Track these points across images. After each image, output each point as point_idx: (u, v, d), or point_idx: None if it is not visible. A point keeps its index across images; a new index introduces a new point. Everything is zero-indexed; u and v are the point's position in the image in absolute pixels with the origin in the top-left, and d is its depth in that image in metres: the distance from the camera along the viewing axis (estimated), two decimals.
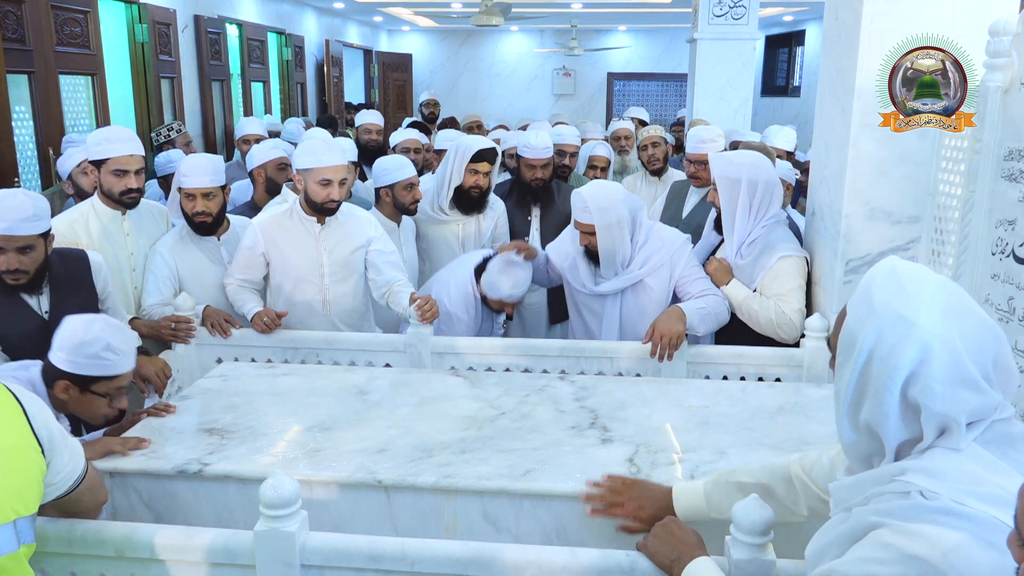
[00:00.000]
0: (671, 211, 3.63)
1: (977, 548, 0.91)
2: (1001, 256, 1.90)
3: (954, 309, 1.03)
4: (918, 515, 0.96)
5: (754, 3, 6.71)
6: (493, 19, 8.23)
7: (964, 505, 0.95)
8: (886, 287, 1.06)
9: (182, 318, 2.73)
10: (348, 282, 2.93)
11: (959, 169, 2.13)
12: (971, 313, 1.04)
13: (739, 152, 2.94)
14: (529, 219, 3.67)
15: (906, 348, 1.01)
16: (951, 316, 1.02)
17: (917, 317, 1.01)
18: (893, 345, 1.02)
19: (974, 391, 1.00)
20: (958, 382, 1.00)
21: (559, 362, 2.58)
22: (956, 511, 0.94)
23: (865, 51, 2.31)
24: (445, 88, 14.44)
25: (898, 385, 1.02)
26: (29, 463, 1.35)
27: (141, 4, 5.97)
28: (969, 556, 0.91)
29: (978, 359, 1.01)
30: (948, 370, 1.00)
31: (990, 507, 0.94)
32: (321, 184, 2.77)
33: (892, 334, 1.02)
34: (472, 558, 1.44)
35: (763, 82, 13.21)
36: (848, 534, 1.04)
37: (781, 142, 4.63)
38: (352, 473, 1.81)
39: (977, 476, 0.97)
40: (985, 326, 1.03)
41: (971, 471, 0.98)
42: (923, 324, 1.01)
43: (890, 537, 0.97)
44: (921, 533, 0.94)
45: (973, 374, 1.00)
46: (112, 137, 2.84)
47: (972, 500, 0.95)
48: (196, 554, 1.49)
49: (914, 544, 0.94)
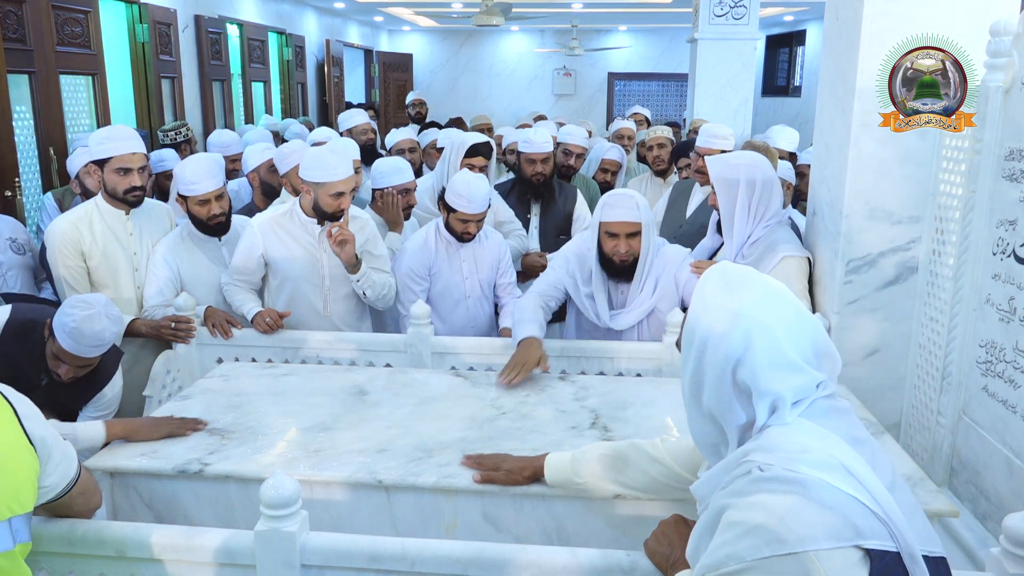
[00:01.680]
0: (674, 211, 3.62)
1: (809, 508, 0.99)
2: (1002, 256, 1.90)
3: (773, 300, 1.14)
4: (754, 487, 1.04)
5: (754, 3, 6.71)
6: (493, 19, 8.23)
7: (794, 472, 1.03)
8: (716, 284, 1.18)
9: (182, 318, 2.73)
10: (348, 283, 2.93)
11: (960, 169, 2.13)
12: (789, 304, 1.15)
13: (736, 153, 2.93)
14: (529, 216, 3.68)
15: (732, 335, 1.11)
16: (770, 306, 1.12)
17: (740, 307, 1.12)
18: (721, 334, 1.12)
19: (795, 372, 1.10)
20: (780, 364, 1.10)
21: (559, 362, 2.58)
22: (787, 478, 1.02)
23: (865, 51, 2.30)
24: (445, 88, 14.45)
25: (729, 370, 1.12)
26: (23, 462, 1.34)
27: (142, 4, 5.97)
28: (802, 516, 0.99)
29: (796, 343, 1.11)
30: (769, 353, 1.10)
31: (818, 471, 1.02)
32: (333, 197, 2.76)
33: (720, 324, 1.13)
34: (472, 558, 1.44)
35: (763, 82, 13.20)
36: (709, 524, 1.10)
37: (784, 143, 4.62)
38: (352, 473, 1.81)
39: (805, 444, 1.06)
40: (801, 315, 1.15)
41: (800, 441, 1.07)
42: (745, 313, 1.11)
43: (735, 515, 1.04)
44: (758, 503, 1.02)
45: (792, 357, 1.10)
46: (114, 136, 2.84)
47: (802, 466, 1.03)
48: (196, 554, 1.49)
49: (754, 515, 1.02)
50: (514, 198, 3.69)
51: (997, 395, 1.91)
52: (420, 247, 3.01)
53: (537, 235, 3.67)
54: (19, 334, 2.23)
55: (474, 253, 3.06)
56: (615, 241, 2.53)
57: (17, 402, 1.39)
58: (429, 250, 3.00)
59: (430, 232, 3.05)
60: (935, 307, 2.23)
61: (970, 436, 2.03)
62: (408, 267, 2.99)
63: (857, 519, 1.00)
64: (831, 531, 0.98)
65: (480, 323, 3.12)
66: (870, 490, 1.02)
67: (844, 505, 1.00)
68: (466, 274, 3.04)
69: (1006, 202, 1.89)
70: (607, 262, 2.58)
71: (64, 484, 1.46)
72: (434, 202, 3.47)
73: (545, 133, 3.68)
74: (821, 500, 1.00)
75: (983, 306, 1.98)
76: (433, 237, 3.03)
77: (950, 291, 2.12)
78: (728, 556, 1.02)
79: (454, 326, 3.04)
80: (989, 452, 1.94)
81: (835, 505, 1.00)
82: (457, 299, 3.04)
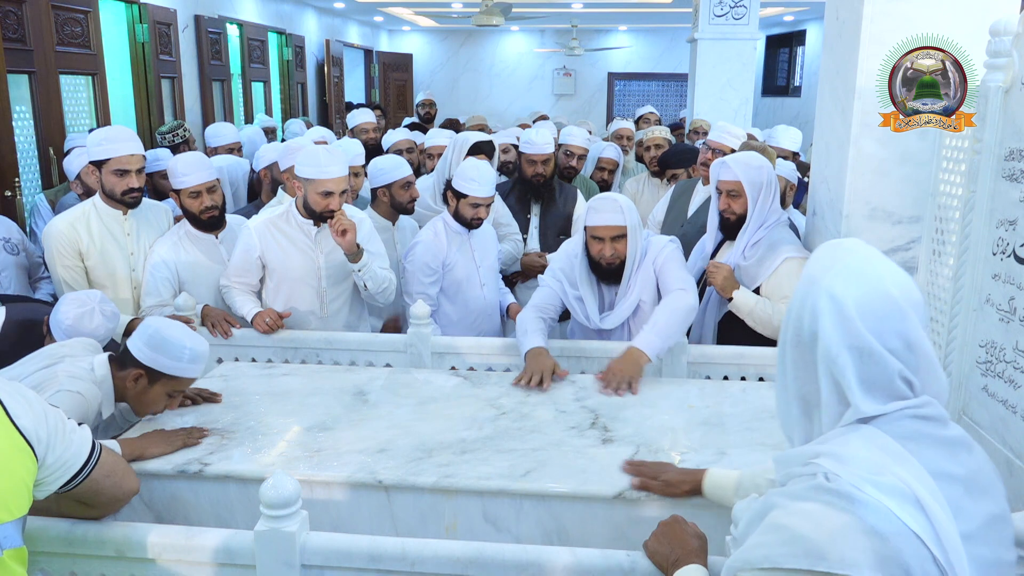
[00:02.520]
0: (676, 210, 3.62)
1: (862, 533, 0.92)
2: (1002, 256, 1.90)
3: (861, 280, 1.04)
4: (812, 495, 0.97)
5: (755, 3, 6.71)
6: (493, 19, 8.23)
7: (859, 490, 0.95)
8: (820, 256, 1.11)
9: (182, 317, 2.72)
10: (345, 283, 2.94)
11: (960, 169, 2.13)
12: (880, 287, 1.04)
13: (749, 154, 2.93)
14: (529, 217, 3.68)
15: (806, 304, 1.06)
16: (852, 284, 1.04)
17: (821, 277, 1.06)
18: (799, 304, 1.08)
19: (863, 355, 1.02)
20: (844, 344, 1.02)
21: (559, 362, 2.58)
22: (850, 495, 0.95)
23: (865, 51, 2.31)
24: (445, 88, 14.44)
25: (804, 341, 1.06)
26: (14, 465, 1.30)
27: (141, 4, 5.97)
28: (852, 538, 0.91)
29: (873, 328, 1.01)
30: (833, 329, 1.02)
31: (885, 496, 0.94)
32: (322, 195, 2.75)
33: (803, 293, 1.08)
34: (472, 558, 1.44)
35: (764, 82, 13.21)
36: (758, 514, 1.04)
37: (788, 143, 4.60)
38: (352, 473, 1.81)
39: (879, 465, 0.97)
40: (891, 302, 1.03)
41: (875, 459, 0.98)
42: (822, 283, 1.05)
43: (783, 518, 0.98)
44: (808, 512, 0.96)
45: (864, 340, 1.01)
46: (113, 137, 2.84)
47: (868, 486, 0.95)
48: (196, 554, 1.49)
49: (802, 523, 0.95)
50: (514, 198, 3.70)
51: (997, 395, 1.91)
52: (432, 240, 3.04)
53: (537, 235, 3.68)
54: (18, 334, 2.23)
55: (481, 242, 3.13)
56: (600, 245, 2.53)
57: (7, 398, 1.33)
58: (441, 242, 3.03)
59: (438, 226, 3.08)
60: (935, 307, 2.23)
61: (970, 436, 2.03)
62: (422, 260, 3.00)
63: (910, 557, 0.91)
64: (878, 562, 0.90)
65: (495, 309, 3.21)
66: (938, 531, 0.93)
67: (901, 539, 0.92)
68: (479, 262, 3.11)
69: (1006, 202, 1.89)
70: (595, 265, 2.59)
71: (74, 470, 1.42)
72: (436, 200, 3.47)
73: (546, 134, 3.68)
74: (877, 528, 0.92)
75: (983, 306, 1.98)
76: (443, 230, 3.06)
77: (950, 291, 2.12)
78: (764, 557, 0.96)
79: (473, 313, 3.10)
80: (989, 452, 1.93)
81: (891, 536, 0.92)
82: (474, 287, 3.10)
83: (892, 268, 1.08)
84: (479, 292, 3.12)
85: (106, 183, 2.82)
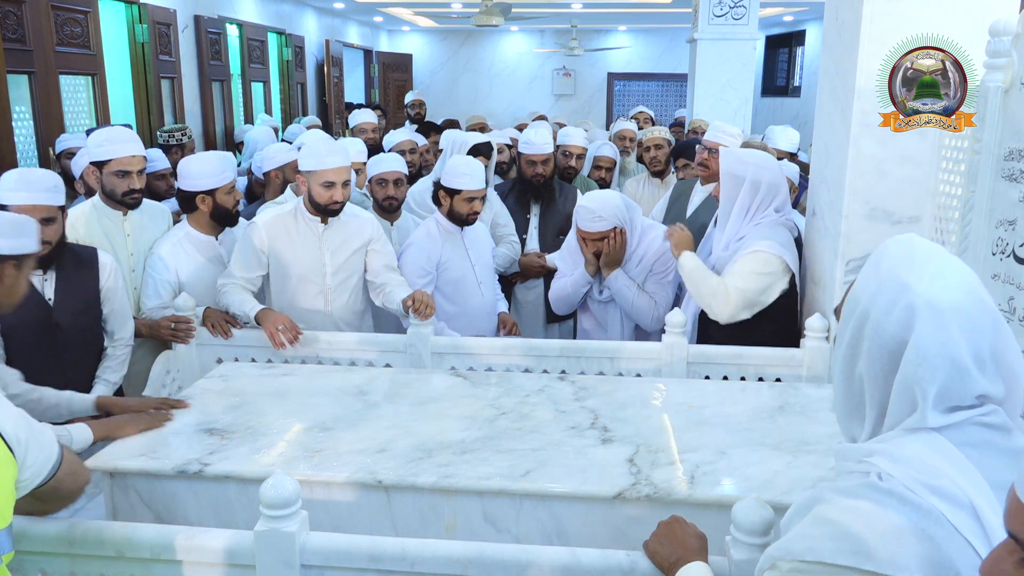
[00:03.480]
0: (675, 211, 3.62)
1: (913, 536, 0.90)
2: (1001, 256, 1.90)
3: (956, 285, 1.01)
4: (864, 492, 0.95)
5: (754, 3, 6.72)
6: (493, 19, 8.23)
7: (914, 492, 0.93)
8: (896, 254, 1.07)
9: (182, 318, 2.73)
10: (350, 282, 2.94)
11: (959, 169, 2.13)
12: (974, 293, 1.01)
13: (749, 151, 2.93)
14: (528, 217, 3.68)
15: (895, 309, 1.01)
16: (950, 290, 1.00)
17: (915, 282, 1.01)
18: (886, 306, 1.02)
19: (954, 368, 0.98)
20: (938, 353, 0.98)
21: (559, 362, 2.58)
22: (905, 497, 0.93)
23: (865, 51, 2.31)
24: (445, 88, 14.45)
25: (887, 348, 1.02)
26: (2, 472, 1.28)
27: (141, 4, 5.97)
28: (904, 542, 0.90)
29: (969, 339, 0.98)
30: (930, 338, 0.98)
31: (938, 500, 0.92)
32: (324, 186, 2.76)
33: (888, 295, 1.03)
34: (472, 558, 1.44)
35: (763, 82, 13.20)
36: (804, 505, 1.03)
37: (784, 143, 4.61)
38: (352, 473, 1.81)
39: (936, 469, 0.95)
40: (986, 311, 1.00)
41: (933, 463, 0.95)
42: (917, 289, 1.00)
43: (832, 513, 0.96)
44: (859, 510, 0.94)
45: (958, 351, 0.98)
46: (114, 138, 2.84)
47: (923, 489, 0.93)
48: (196, 554, 1.49)
49: (852, 520, 0.93)
50: (513, 198, 3.70)
51: None
52: (425, 240, 3.06)
53: (536, 235, 3.67)
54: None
55: (474, 240, 3.16)
56: (588, 244, 2.84)
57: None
58: (436, 243, 3.05)
59: (431, 226, 3.10)
60: None
61: None
62: (415, 260, 3.02)
63: (961, 565, 0.88)
64: (929, 567, 0.88)
65: (493, 308, 3.24)
66: (992, 542, 0.89)
67: (954, 547, 0.89)
68: (473, 260, 3.14)
69: (1006, 202, 1.89)
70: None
71: (47, 472, 1.41)
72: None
73: (544, 133, 3.68)
74: (931, 533, 0.90)
75: None
76: (436, 230, 3.08)
77: None
78: (808, 549, 0.94)
79: (471, 311, 3.12)
80: None
81: (944, 544, 0.89)
82: (471, 285, 3.12)
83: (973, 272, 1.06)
84: (476, 291, 3.13)
85: (107, 184, 2.82)
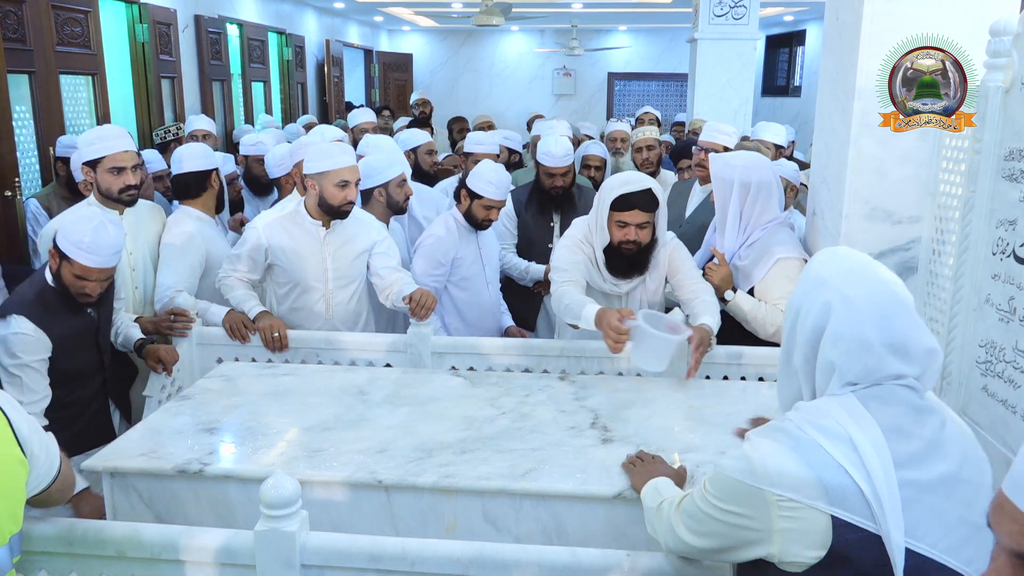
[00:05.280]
0: (674, 211, 3.61)
1: (789, 459, 1.11)
2: (1001, 256, 1.90)
3: (870, 280, 1.19)
4: (766, 432, 1.19)
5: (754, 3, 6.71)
6: (493, 19, 8.22)
7: (800, 430, 1.15)
8: (820, 259, 1.27)
9: (180, 312, 2.73)
10: (351, 286, 2.92)
11: (959, 169, 2.13)
12: (887, 288, 1.18)
13: (736, 153, 2.93)
14: (552, 225, 3.63)
15: (815, 303, 1.20)
16: (863, 284, 1.18)
17: (831, 279, 1.20)
18: (811, 301, 1.21)
19: (864, 349, 1.16)
20: (850, 337, 1.16)
21: (559, 362, 2.58)
22: (789, 431, 1.16)
23: (865, 51, 2.31)
24: (445, 88, 14.44)
25: (814, 338, 1.20)
26: (15, 476, 1.31)
27: (141, 4, 5.97)
28: (780, 462, 1.12)
29: (879, 326, 1.15)
30: (843, 324, 1.17)
31: (819, 434, 1.12)
32: (339, 186, 2.76)
33: (811, 292, 1.22)
34: (472, 558, 1.44)
35: (763, 82, 13.20)
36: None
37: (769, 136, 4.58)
38: (352, 473, 1.81)
39: (828, 412, 1.15)
40: (899, 304, 1.17)
41: (826, 410, 1.16)
42: (833, 285, 1.19)
43: (745, 445, 1.19)
44: (758, 443, 1.17)
45: (869, 335, 1.15)
46: (105, 135, 2.84)
47: (809, 428, 1.14)
48: (196, 554, 1.49)
49: (750, 447, 1.17)
50: (535, 208, 3.63)
51: (997, 395, 1.91)
52: (444, 235, 3.08)
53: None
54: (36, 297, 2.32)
55: (487, 240, 3.22)
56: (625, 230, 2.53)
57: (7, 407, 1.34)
58: (453, 239, 3.08)
59: (449, 223, 3.12)
60: (935, 307, 2.23)
61: None
62: (432, 253, 3.04)
63: (831, 485, 1.08)
64: (798, 484, 1.09)
65: (498, 307, 3.31)
66: (869, 469, 1.08)
67: (825, 469, 1.09)
68: (484, 261, 3.19)
69: (1006, 202, 1.89)
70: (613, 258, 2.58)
71: (47, 481, 1.45)
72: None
73: (565, 144, 3.55)
74: (804, 458, 1.11)
75: (983, 306, 1.98)
76: (454, 227, 3.11)
77: (950, 291, 2.12)
78: (725, 466, 1.19)
79: (481, 309, 3.18)
80: (989, 452, 1.93)
81: (816, 466, 1.09)
82: (481, 285, 3.17)
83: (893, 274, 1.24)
84: (485, 289, 3.19)
85: (102, 182, 2.81)
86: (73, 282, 2.29)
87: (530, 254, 3.61)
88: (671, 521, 1.32)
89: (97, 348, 2.49)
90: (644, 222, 2.50)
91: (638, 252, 2.54)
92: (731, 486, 1.17)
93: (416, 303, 2.66)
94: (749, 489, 1.14)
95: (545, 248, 3.58)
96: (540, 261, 3.55)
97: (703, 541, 1.24)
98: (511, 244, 3.64)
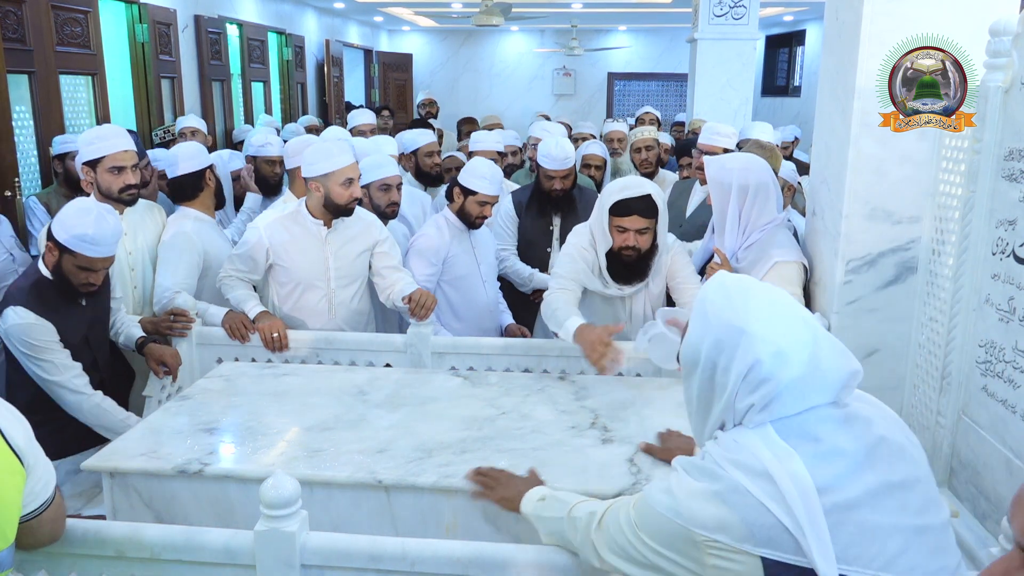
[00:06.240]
0: (674, 211, 3.61)
1: (711, 500, 1.11)
2: (1001, 256, 1.90)
3: (777, 315, 1.16)
4: (688, 467, 1.18)
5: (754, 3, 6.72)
6: (493, 19, 8.23)
7: (719, 467, 1.13)
8: (716, 300, 1.20)
9: (180, 312, 2.73)
10: (353, 286, 2.92)
11: (959, 169, 2.13)
12: (792, 315, 1.17)
13: (732, 155, 2.91)
14: (551, 228, 3.61)
15: (737, 353, 1.14)
16: (774, 321, 1.15)
17: (745, 324, 1.14)
18: (730, 353, 1.15)
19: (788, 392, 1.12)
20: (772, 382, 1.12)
21: (559, 362, 2.58)
22: (710, 471, 1.14)
23: (865, 51, 2.30)
24: (445, 88, 14.44)
25: (739, 387, 1.15)
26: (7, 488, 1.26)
27: (141, 4, 5.97)
28: (703, 504, 1.11)
29: (799, 357, 1.12)
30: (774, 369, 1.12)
31: (739, 472, 1.11)
32: (344, 184, 2.76)
33: (727, 343, 1.15)
34: (472, 558, 1.44)
35: (763, 82, 13.20)
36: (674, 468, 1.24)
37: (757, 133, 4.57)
38: (352, 473, 1.81)
39: (743, 447, 1.13)
40: (807, 324, 1.16)
41: (744, 443, 1.13)
42: (750, 331, 1.14)
43: (671, 477, 1.20)
44: (681, 479, 1.17)
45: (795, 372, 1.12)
46: (104, 135, 2.84)
47: (728, 465, 1.12)
48: (196, 554, 1.49)
49: (675, 485, 1.17)
50: (535, 210, 3.61)
51: (997, 395, 1.91)
52: (436, 234, 3.08)
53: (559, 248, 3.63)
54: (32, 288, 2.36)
55: (481, 239, 3.20)
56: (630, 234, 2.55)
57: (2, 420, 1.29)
58: (445, 238, 3.08)
59: (440, 222, 3.12)
60: (935, 307, 2.23)
61: (970, 436, 2.03)
62: (423, 253, 3.05)
63: (755, 525, 1.07)
64: (722, 525, 1.09)
65: (495, 306, 3.29)
66: (790, 503, 1.06)
67: (747, 510, 1.08)
68: (479, 259, 3.18)
69: (1006, 202, 1.89)
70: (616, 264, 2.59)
71: (40, 501, 1.36)
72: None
73: (565, 146, 3.53)
74: (726, 499, 1.10)
75: (983, 306, 1.98)
76: (445, 226, 3.11)
77: (950, 291, 2.12)
78: (652, 497, 1.20)
79: (478, 308, 3.17)
80: (989, 452, 1.94)
81: (738, 507, 1.08)
82: (476, 284, 3.16)
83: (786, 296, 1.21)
84: (481, 288, 3.17)
85: (102, 182, 2.81)
86: (76, 273, 2.33)
87: (528, 257, 3.59)
88: (592, 541, 1.30)
89: (88, 346, 2.50)
90: (643, 228, 2.51)
91: (638, 258, 2.56)
92: (660, 523, 1.16)
93: (416, 303, 2.66)
94: (676, 528, 1.13)
95: (544, 252, 3.57)
96: (538, 264, 3.54)
97: (633, 568, 1.23)
98: (511, 245, 3.61)
